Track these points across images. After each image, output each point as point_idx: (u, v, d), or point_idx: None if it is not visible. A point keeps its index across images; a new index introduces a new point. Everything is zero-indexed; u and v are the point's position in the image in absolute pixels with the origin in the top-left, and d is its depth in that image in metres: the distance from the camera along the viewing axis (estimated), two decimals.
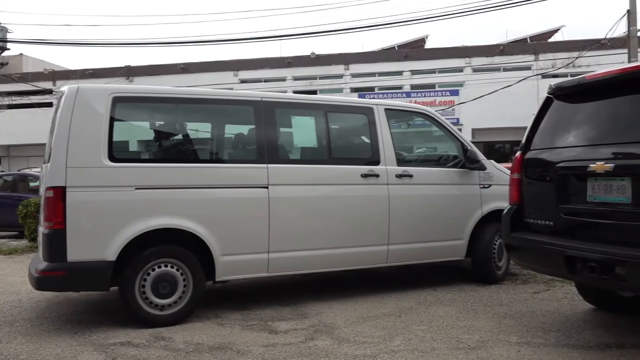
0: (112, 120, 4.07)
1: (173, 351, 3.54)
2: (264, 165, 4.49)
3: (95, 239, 3.93)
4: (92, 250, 3.90)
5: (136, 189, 4.06)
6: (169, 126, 4.72)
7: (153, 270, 4.08)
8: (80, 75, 27.45)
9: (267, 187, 4.46)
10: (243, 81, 29.09)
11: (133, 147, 5.10)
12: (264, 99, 4.66)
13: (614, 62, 15.37)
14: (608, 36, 17.58)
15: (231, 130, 4.98)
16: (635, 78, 3.31)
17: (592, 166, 3.28)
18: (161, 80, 26.77)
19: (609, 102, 3.49)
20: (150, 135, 4.60)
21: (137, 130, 4.97)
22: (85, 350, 3.57)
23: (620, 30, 16.67)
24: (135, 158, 4.60)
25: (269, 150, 4.54)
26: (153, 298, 4.06)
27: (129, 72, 29.11)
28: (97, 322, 4.23)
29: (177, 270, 4.15)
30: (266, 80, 29.00)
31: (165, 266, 4.12)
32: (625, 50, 16.31)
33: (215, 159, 4.69)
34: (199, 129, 4.97)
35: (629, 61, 15.05)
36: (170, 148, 4.60)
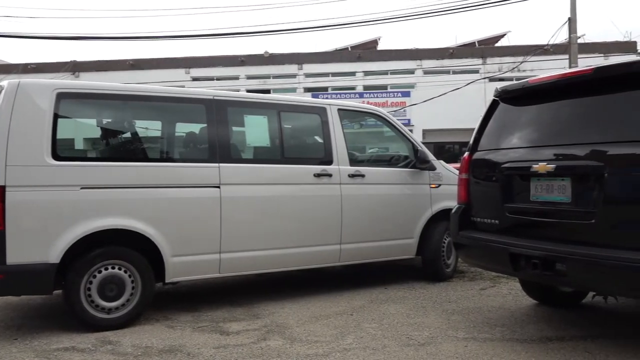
0: (56, 117, 3.91)
1: (120, 355, 3.44)
2: (216, 164, 4.43)
3: (37, 241, 3.76)
4: (34, 252, 3.74)
5: (82, 188, 3.92)
6: (116, 124, 4.58)
7: (99, 272, 3.95)
8: (22, 69, 26.27)
9: (218, 187, 4.41)
10: (195, 79, 28.61)
11: (79, 145, 4.93)
12: (216, 98, 4.60)
13: (556, 68, 16.06)
14: (550, 42, 18.36)
15: (182, 128, 4.89)
16: (575, 83, 3.48)
17: (535, 167, 3.42)
18: (109, 76, 25.93)
19: (551, 105, 3.65)
20: (97, 133, 4.46)
21: (83, 127, 4.81)
22: (25, 357, 3.42)
23: (562, 36, 17.42)
24: (80, 156, 4.46)
25: (220, 149, 4.48)
26: (99, 301, 3.93)
27: (75, 68, 28.06)
28: (40, 327, 4.06)
29: (125, 272, 4.03)
30: (219, 79, 28.63)
31: (113, 268, 3.99)
32: (567, 56, 17.07)
33: (165, 158, 4.60)
34: (148, 127, 4.85)
35: (570, 67, 15.76)
36: (118, 146, 4.47)
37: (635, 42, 27.59)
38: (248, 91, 19.81)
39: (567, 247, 3.16)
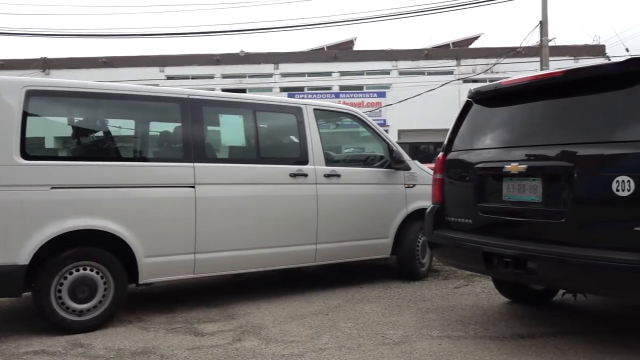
0: (25, 115, 3.82)
1: (92, 358, 3.38)
2: (191, 164, 4.39)
3: (6, 242, 3.67)
4: (3, 253, 3.64)
5: (52, 188, 3.84)
6: (89, 123, 4.49)
7: (71, 273, 3.87)
8: None
9: (193, 187, 4.37)
10: (170, 77, 28.29)
11: (49, 144, 4.82)
12: (190, 97, 4.56)
13: (528, 70, 16.37)
14: (523, 45, 18.70)
15: (156, 127, 4.83)
16: (546, 85, 3.55)
17: (507, 167, 3.48)
18: (81, 74, 25.44)
19: (523, 106, 3.71)
20: (68, 132, 4.37)
21: (54, 126, 4.70)
22: None
23: (534, 39, 17.73)
24: (51, 156, 4.35)
25: (195, 148, 4.44)
26: (70, 303, 3.86)
27: (45, 65, 27.44)
28: (8, 331, 3.95)
29: (97, 273, 3.96)
30: (194, 77, 28.37)
31: (84, 269, 3.92)
32: (538, 59, 17.40)
33: (139, 157, 4.54)
34: (121, 126, 4.78)
35: (541, 69, 16.07)
36: (90, 145, 4.39)
37: (603, 46, 28.30)
38: (224, 90, 19.67)
39: (538, 246, 3.22)
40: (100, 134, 4.47)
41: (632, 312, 4.36)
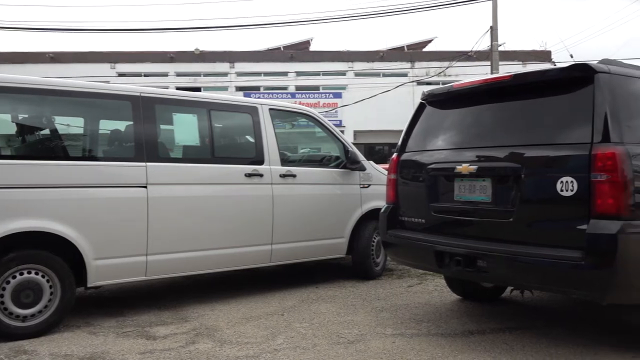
0: None
1: None
2: (143, 163, 4.28)
3: None
4: None
5: None
6: (34, 120, 4.31)
7: (14, 277, 3.71)
8: None
9: (145, 187, 4.27)
10: (121, 74, 27.53)
11: None
12: (143, 95, 4.45)
13: (479, 73, 16.85)
14: (474, 49, 19.23)
15: (106, 126, 4.69)
16: (495, 88, 3.66)
17: (459, 168, 3.57)
18: (27, 69, 24.37)
19: (473, 109, 3.82)
20: (12, 129, 4.18)
21: None
22: None
23: (485, 44, 18.28)
24: None
25: (148, 148, 4.34)
26: (14, 308, 3.69)
27: None
28: None
29: (43, 276, 3.81)
30: (147, 75, 27.71)
31: (29, 273, 3.76)
32: (489, 63, 17.93)
33: (88, 156, 4.39)
34: (70, 124, 4.61)
35: (492, 73, 16.56)
36: (36, 144, 4.21)
37: (549, 52, 29.46)
38: (178, 89, 19.33)
39: (488, 245, 3.32)
40: (46, 131, 4.29)
41: (575, 307, 4.55)
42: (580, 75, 3.14)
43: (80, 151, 4.43)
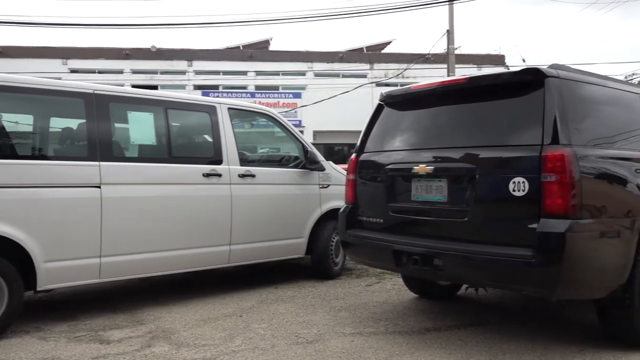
0: None
1: None
2: (96, 163, 4.16)
3: None
4: None
5: None
6: None
7: None
8: None
9: (99, 187, 4.15)
10: (73, 71, 26.69)
11: None
12: (96, 92, 4.33)
13: (436, 75, 17.19)
14: (431, 52, 19.60)
15: (58, 124, 4.53)
16: (451, 90, 3.74)
17: (416, 168, 3.63)
18: None
19: (430, 110, 3.89)
20: None
21: None
22: None
23: (442, 47, 18.66)
24: None
25: (101, 147, 4.22)
26: None
27: None
28: None
29: None
30: (101, 72, 26.98)
31: None
32: (446, 65, 18.31)
33: (38, 155, 4.23)
34: (18, 122, 4.43)
35: (448, 75, 16.93)
36: None
37: (503, 56, 30.38)
38: (133, 86, 18.86)
39: (444, 244, 3.39)
40: None
41: (527, 303, 4.70)
42: (532, 79, 3.25)
43: (29, 150, 4.27)
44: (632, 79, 21.69)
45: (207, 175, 4.78)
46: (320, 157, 5.72)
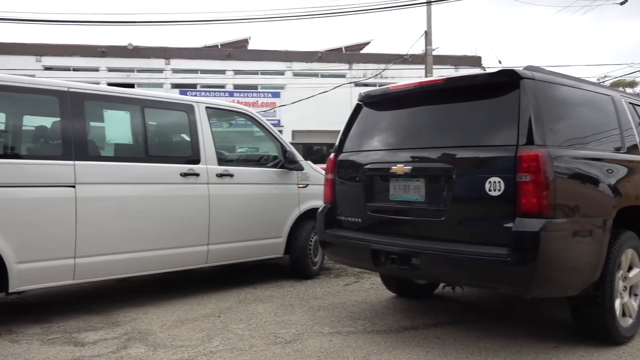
0: None
1: None
2: (71, 162, 4.09)
3: None
4: None
5: None
6: None
7: None
8: None
9: (74, 186, 4.08)
10: (48, 68, 26.19)
11: None
12: (71, 90, 4.25)
13: (414, 76, 17.33)
14: (409, 53, 19.73)
15: (31, 122, 4.44)
16: (428, 91, 3.77)
17: (394, 168, 3.65)
18: None
19: (408, 110, 3.92)
20: None
21: None
22: None
23: (420, 48, 18.78)
24: None
25: (76, 145, 4.15)
26: None
27: None
28: None
29: None
30: (76, 69, 26.51)
31: None
32: (423, 66, 18.45)
33: (10, 154, 4.13)
34: None
35: (426, 76, 17.07)
36: None
37: (480, 57, 30.77)
38: (109, 84, 18.59)
39: (421, 243, 3.42)
40: None
41: (503, 302, 4.77)
42: (507, 81, 3.29)
43: (1, 148, 4.17)
44: (604, 81, 22.20)
45: (184, 174, 4.74)
46: (299, 156, 5.72)
